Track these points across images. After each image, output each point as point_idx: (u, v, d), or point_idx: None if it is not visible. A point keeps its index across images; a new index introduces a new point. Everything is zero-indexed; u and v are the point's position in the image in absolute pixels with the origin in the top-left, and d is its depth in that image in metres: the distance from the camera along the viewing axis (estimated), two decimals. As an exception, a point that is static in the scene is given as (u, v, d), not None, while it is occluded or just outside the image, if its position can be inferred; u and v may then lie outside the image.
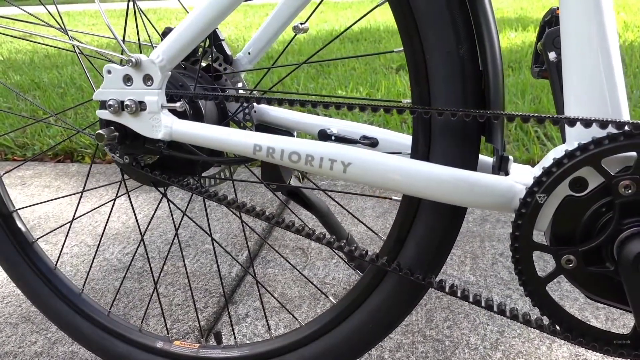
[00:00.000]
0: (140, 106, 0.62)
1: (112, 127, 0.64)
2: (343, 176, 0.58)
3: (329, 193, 1.27)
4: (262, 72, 2.54)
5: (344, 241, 0.64)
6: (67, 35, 0.74)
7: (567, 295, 1.00)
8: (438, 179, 0.55)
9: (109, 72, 0.62)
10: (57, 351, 0.94)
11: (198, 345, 0.82)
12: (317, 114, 2.18)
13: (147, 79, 0.61)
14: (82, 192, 0.82)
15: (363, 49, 3.60)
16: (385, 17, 5.27)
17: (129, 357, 0.84)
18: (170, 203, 0.82)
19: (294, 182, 0.85)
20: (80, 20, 6.47)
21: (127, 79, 0.62)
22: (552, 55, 0.59)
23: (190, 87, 0.70)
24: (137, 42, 0.76)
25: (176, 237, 1.02)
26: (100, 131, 0.63)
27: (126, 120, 0.63)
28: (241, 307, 1.04)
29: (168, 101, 0.63)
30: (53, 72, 3.17)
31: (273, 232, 1.30)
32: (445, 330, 0.94)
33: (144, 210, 1.45)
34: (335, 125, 0.74)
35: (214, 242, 1.12)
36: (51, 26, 0.73)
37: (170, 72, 0.62)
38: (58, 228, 1.09)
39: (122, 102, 0.62)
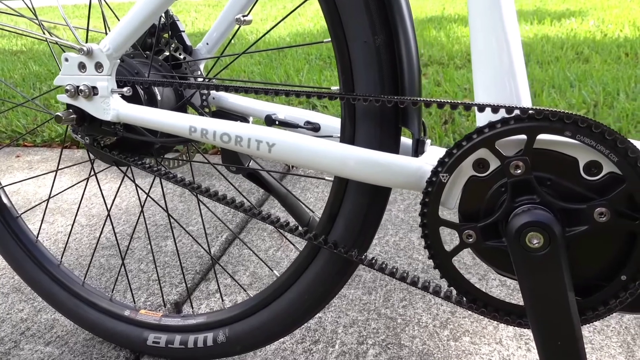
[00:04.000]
0: (93, 91, 0.68)
1: (71, 110, 0.71)
2: (269, 156, 0.63)
3: (274, 174, 1.32)
4: (222, 61, 2.59)
5: (283, 220, 0.69)
6: (41, 26, 0.81)
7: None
8: (350, 159, 0.60)
9: (66, 59, 0.69)
10: (40, 318, 1.02)
11: (161, 314, 0.89)
12: (317, 106, 2.19)
13: (98, 66, 0.67)
14: (56, 171, 0.89)
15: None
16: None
17: (99, 324, 0.92)
18: (137, 187, 0.89)
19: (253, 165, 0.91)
20: (58, 14, 6.64)
21: (82, 66, 0.68)
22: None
23: (146, 74, 0.76)
24: (105, 32, 0.82)
25: (141, 215, 1.09)
26: (58, 113, 0.70)
27: (81, 103, 0.70)
28: (213, 283, 1.11)
29: (120, 87, 0.69)
30: (70, 63, 3.29)
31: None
32: (400, 310, 0.99)
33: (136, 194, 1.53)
34: (283, 111, 0.79)
35: (171, 217, 1.19)
36: (23, 16, 0.80)
37: (118, 60, 0.68)
38: (35, 206, 1.18)
39: (78, 87, 0.69)
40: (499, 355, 0.86)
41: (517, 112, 0.53)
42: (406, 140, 0.68)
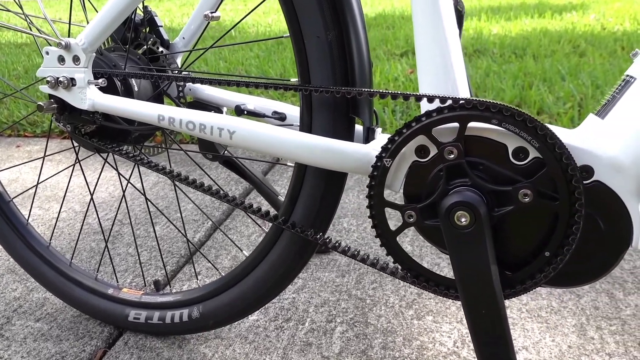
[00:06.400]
0: (72, 82, 0.74)
1: (52, 100, 0.77)
2: (230, 142, 0.68)
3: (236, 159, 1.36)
4: (194, 54, 2.64)
5: (241, 200, 0.75)
6: (27, 20, 0.86)
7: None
8: (304, 145, 0.65)
9: (47, 53, 0.74)
10: (32, 297, 1.09)
11: (141, 292, 0.95)
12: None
13: (76, 59, 0.73)
14: (43, 158, 0.95)
15: (372, 34, 3.66)
16: (401, 4, 5.29)
17: (85, 301, 0.98)
18: (119, 174, 0.94)
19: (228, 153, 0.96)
20: (52, 9, 6.70)
21: (61, 59, 0.74)
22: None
23: (125, 67, 0.81)
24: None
25: (123, 199, 1.14)
26: (39, 103, 0.75)
27: (61, 94, 0.75)
28: (195, 266, 1.17)
29: (97, 78, 0.75)
30: (73, 56, 3.36)
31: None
32: (369, 291, 1.04)
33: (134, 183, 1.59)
34: (252, 102, 0.85)
35: (148, 201, 1.24)
36: (9, 10, 0.86)
37: (94, 54, 0.73)
38: (25, 191, 1.24)
39: (58, 78, 0.74)
40: (458, 333, 0.91)
41: (450, 101, 0.58)
42: (360, 129, 0.73)
